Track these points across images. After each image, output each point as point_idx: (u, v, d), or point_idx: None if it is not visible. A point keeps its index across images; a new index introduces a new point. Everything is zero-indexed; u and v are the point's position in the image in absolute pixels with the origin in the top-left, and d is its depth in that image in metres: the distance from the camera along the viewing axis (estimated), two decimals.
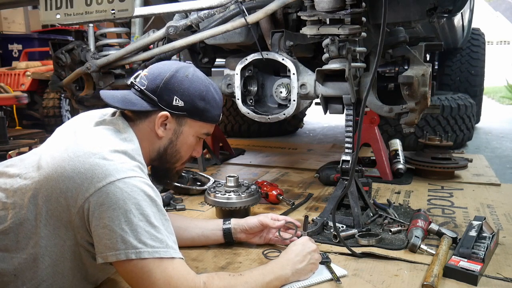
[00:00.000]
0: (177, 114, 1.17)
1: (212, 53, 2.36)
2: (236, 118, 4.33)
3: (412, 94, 1.58)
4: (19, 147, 3.58)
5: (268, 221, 1.48)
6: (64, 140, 1.10)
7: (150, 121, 1.17)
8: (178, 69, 1.18)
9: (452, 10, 2.09)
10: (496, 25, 20.22)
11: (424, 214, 1.64)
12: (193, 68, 1.22)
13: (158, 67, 1.19)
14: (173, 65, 1.20)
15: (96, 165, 0.98)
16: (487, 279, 1.30)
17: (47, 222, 1.01)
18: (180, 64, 1.20)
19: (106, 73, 2.18)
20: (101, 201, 0.96)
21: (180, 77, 1.16)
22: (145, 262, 0.97)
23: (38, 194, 1.01)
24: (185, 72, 1.18)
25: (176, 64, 1.20)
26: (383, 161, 2.51)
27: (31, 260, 1.02)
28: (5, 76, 5.20)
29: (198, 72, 1.22)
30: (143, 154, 1.15)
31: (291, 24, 1.96)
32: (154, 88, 1.15)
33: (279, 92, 1.95)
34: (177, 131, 1.20)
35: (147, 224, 0.98)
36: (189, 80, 1.17)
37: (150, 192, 1.01)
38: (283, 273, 1.20)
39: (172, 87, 1.15)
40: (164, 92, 1.15)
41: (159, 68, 1.18)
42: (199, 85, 1.19)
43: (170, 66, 1.19)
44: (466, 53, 4.42)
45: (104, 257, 0.98)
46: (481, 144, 3.92)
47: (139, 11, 1.85)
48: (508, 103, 8.24)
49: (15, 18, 7.78)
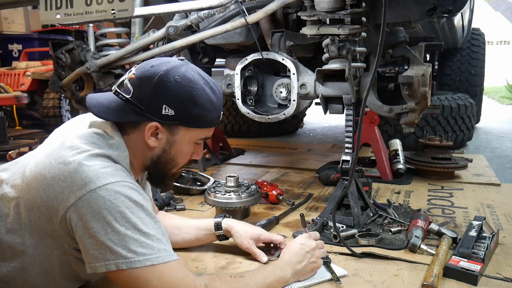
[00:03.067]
0: (168, 123, 1.06)
1: (212, 53, 2.36)
2: (236, 118, 4.33)
3: (412, 94, 1.58)
4: (19, 147, 3.58)
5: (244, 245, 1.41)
6: (51, 144, 1.05)
7: (139, 130, 1.07)
8: (166, 72, 1.03)
9: (452, 10, 2.09)
10: (496, 25, 20.22)
11: (424, 214, 1.64)
12: (185, 68, 1.07)
13: (145, 69, 1.05)
14: (161, 66, 1.05)
15: (75, 172, 0.93)
16: (487, 279, 1.30)
17: (32, 231, 0.98)
18: (169, 64, 1.06)
19: (106, 73, 2.18)
20: (83, 211, 0.91)
21: (168, 82, 1.03)
22: (139, 271, 0.93)
23: (20, 203, 0.98)
24: (174, 75, 1.03)
25: (165, 64, 1.06)
26: (383, 161, 2.51)
27: (19, 268, 1.00)
28: (5, 76, 5.20)
29: (190, 72, 1.07)
30: (135, 162, 1.11)
31: (291, 24, 1.96)
32: (140, 96, 1.03)
33: (279, 92, 1.95)
34: (170, 140, 1.09)
35: (135, 232, 0.93)
36: (178, 84, 1.03)
37: (134, 196, 0.96)
38: (284, 274, 1.19)
39: (160, 94, 1.03)
40: (152, 100, 1.03)
41: (146, 71, 1.04)
42: (190, 89, 1.04)
43: (157, 68, 1.04)
44: (466, 53, 4.42)
45: (93, 268, 0.94)
46: (481, 144, 3.92)
47: (139, 11, 1.85)
48: (508, 103, 8.24)
49: (15, 18, 7.78)
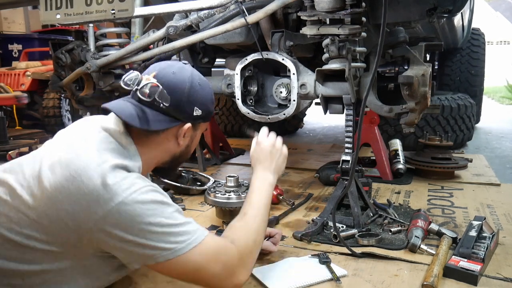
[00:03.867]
0: (195, 123, 1.21)
1: (212, 53, 2.36)
2: (236, 118, 4.33)
3: (412, 94, 1.58)
4: (19, 147, 3.58)
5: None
6: (64, 151, 1.05)
7: (167, 134, 1.17)
8: (191, 79, 1.16)
9: (452, 10, 2.09)
10: (496, 25, 20.22)
11: (424, 214, 1.65)
12: (196, 72, 1.21)
13: (170, 77, 1.14)
14: (182, 72, 1.16)
15: (99, 186, 0.96)
16: (487, 279, 1.30)
17: (54, 240, 0.99)
18: (187, 72, 1.17)
19: (106, 73, 2.18)
20: (115, 222, 0.96)
21: (196, 86, 1.16)
22: (185, 256, 1.00)
23: (42, 215, 0.98)
24: (197, 80, 1.18)
25: (185, 72, 1.17)
26: (383, 161, 2.51)
27: (39, 270, 1.01)
28: (5, 76, 5.19)
29: (199, 74, 1.22)
30: (150, 164, 1.18)
31: (291, 24, 1.96)
32: (177, 103, 1.13)
33: (279, 92, 1.95)
34: (193, 136, 1.25)
35: (170, 227, 1.00)
36: (201, 87, 1.18)
37: (158, 197, 1.02)
38: (268, 180, 1.30)
39: (192, 99, 1.16)
40: (187, 105, 1.15)
41: (173, 79, 1.14)
42: (209, 90, 1.22)
43: (181, 75, 1.15)
44: (466, 53, 4.42)
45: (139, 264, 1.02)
46: (481, 144, 3.92)
47: (139, 11, 1.85)
48: (508, 103, 8.24)
49: (15, 18, 7.77)
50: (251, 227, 1.16)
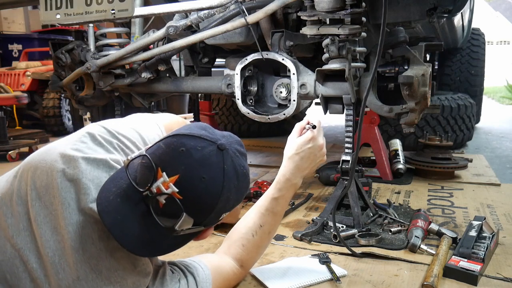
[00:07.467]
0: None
1: (212, 53, 2.36)
2: (236, 118, 4.33)
3: (412, 94, 1.58)
4: (19, 147, 3.59)
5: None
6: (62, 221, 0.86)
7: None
8: (228, 185, 0.85)
9: (452, 10, 2.09)
10: (496, 25, 20.23)
11: (424, 214, 1.65)
12: (235, 163, 0.87)
13: (199, 191, 0.82)
14: (217, 179, 0.83)
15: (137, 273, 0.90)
16: (487, 279, 1.30)
17: None
18: (221, 173, 0.84)
19: (106, 73, 2.18)
20: None
21: (231, 194, 0.87)
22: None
23: None
24: (233, 182, 0.86)
25: (218, 175, 0.84)
26: (383, 161, 2.51)
27: None
28: (5, 76, 5.19)
29: (240, 161, 0.89)
30: None
31: (291, 24, 1.96)
32: (200, 221, 0.85)
33: (279, 92, 1.95)
34: None
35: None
36: (237, 189, 0.88)
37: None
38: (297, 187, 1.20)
39: (223, 208, 0.88)
40: (214, 218, 0.89)
41: (201, 192, 0.82)
42: (245, 187, 0.92)
43: (215, 185, 0.83)
44: (466, 53, 4.42)
45: None
46: (481, 144, 3.91)
47: (139, 11, 1.85)
48: (508, 103, 8.24)
49: (15, 18, 7.76)
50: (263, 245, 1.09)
